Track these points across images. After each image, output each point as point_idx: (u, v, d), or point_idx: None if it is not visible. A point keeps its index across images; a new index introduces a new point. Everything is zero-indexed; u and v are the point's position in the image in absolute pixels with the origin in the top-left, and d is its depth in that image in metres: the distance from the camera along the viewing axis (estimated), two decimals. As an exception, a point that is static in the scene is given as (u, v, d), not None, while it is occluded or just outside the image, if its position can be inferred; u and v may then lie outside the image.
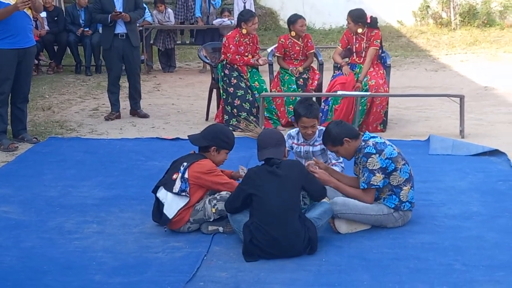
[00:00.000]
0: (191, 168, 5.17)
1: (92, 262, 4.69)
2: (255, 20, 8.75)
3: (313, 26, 17.91)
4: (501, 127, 8.64)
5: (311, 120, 5.81)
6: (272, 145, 5.03)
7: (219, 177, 5.24)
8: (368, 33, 8.52)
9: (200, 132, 5.51)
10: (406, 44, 16.41)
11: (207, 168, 5.19)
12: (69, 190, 6.27)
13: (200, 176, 5.16)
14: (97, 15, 9.07)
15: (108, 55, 9.16)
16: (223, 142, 5.33)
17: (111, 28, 8.96)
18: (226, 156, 5.41)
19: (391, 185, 5.17)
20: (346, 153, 5.28)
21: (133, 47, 9.11)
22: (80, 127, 8.87)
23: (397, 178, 5.16)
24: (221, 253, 4.83)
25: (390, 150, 5.15)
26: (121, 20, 8.90)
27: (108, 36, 9.02)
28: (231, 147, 5.41)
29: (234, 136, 5.48)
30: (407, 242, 4.98)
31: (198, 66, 14.18)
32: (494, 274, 4.40)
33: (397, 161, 5.15)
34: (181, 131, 8.54)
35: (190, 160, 5.25)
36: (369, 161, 5.09)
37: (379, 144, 5.16)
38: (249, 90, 8.68)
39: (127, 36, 9.00)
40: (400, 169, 5.15)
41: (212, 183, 5.21)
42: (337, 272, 4.49)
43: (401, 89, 11.11)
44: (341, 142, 5.20)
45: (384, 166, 5.10)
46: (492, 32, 17.00)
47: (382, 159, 5.10)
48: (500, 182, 6.35)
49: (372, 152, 5.10)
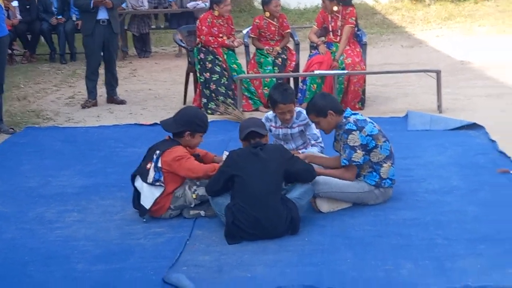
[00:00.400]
0: (164, 156, 5.12)
1: (74, 251, 4.66)
2: (227, 2, 8.70)
3: (288, 6, 17.86)
4: (478, 100, 8.69)
5: (288, 105, 5.78)
6: (255, 126, 5.08)
7: (189, 163, 5.13)
8: (343, 11, 8.50)
9: (172, 116, 5.44)
10: (381, 21, 16.43)
11: (176, 154, 5.11)
12: (48, 180, 6.22)
13: (170, 163, 5.10)
14: (78, 1, 8.96)
15: (89, 41, 9.04)
16: (197, 126, 5.26)
17: (93, 14, 8.86)
18: (201, 139, 5.35)
19: (371, 162, 5.17)
20: (327, 126, 5.27)
21: (114, 33, 9.06)
22: (57, 116, 8.80)
23: (378, 155, 5.16)
24: (204, 237, 4.82)
25: (371, 127, 5.16)
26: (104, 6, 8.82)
27: (90, 23, 8.92)
28: (205, 130, 5.35)
29: (207, 118, 5.42)
30: (389, 218, 5.00)
31: (174, 50, 14.10)
32: (475, 248, 4.43)
33: (378, 138, 5.15)
34: (159, 116, 8.47)
35: (163, 147, 5.18)
36: (350, 138, 5.10)
37: (359, 121, 5.17)
38: (224, 72, 8.63)
39: (108, 22, 8.92)
40: (380, 146, 5.16)
41: (182, 170, 5.12)
42: (320, 251, 4.50)
43: (378, 66, 11.12)
44: (325, 114, 5.20)
45: (364, 143, 5.11)
46: (466, 6, 17.06)
47: (363, 136, 5.10)
48: (479, 155, 6.39)
49: (352, 128, 5.11)
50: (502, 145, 6.60)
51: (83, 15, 9.17)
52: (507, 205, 5.13)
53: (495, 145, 6.63)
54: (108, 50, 9.06)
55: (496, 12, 16.30)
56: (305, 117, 5.96)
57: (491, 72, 10.37)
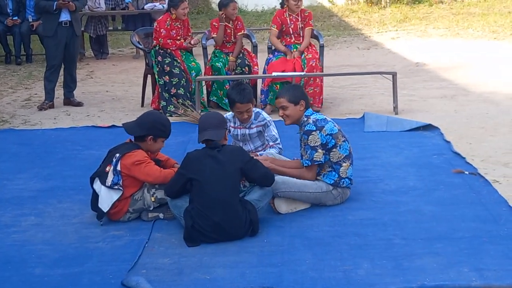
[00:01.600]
0: (123, 160, 5.08)
1: (32, 255, 4.61)
2: (184, 5, 8.68)
3: (246, 8, 17.92)
4: (433, 101, 8.81)
5: (245, 105, 5.79)
6: (212, 127, 4.97)
7: (148, 168, 5.09)
8: (302, 13, 8.57)
9: (135, 120, 5.41)
10: (338, 24, 16.55)
11: (136, 158, 5.08)
12: (4, 183, 6.13)
13: (130, 167, 5.07)
14: (40, 2, 8.85)
15: (50, 43, 8.95)
16: (159, 131, 5.24)
17: (55, 16, 8.79)
18: (163, 144, 5.33)
19: (331, 161, 5.22)
20: (292, 115, 5.27)
21: (76, 35, 9.02)
22: (13, 118, 8.69)
23: (337, 155, 5.22)
24: (163, 240, 4.81)
25: (331, 126, 5.22)
26: (66, 8, 8.76)
27: (52, 24, 8.84)
28: (167, 135, 5.33)
29: (170, 123, 5.38)
30: (347, 219, 5.05)
31: (131, 52, 14.02)
32: (432, 246, 4.50)
33: (337, 138, 5.21)
34: (117, 118, 8.45)
35: (123, 150, 5.14)
36: (310, 138, 5.15)
37: (319, 120, 5.22)
38: (183, 74, 8.62)
39: (71, 24, 8.86)
40: (340, 145, 5.22)
41: (140, 174, 5.08)
42: (279, 252, 4.52)
43: (334, 68, 11.21)
44: (297, 102, 5.24)
45: (324, 142, 5.16)
46: (421, 9, 17.31)
47: (323, 135, 5.16)
48: (434, 156, 6.48)
49: (312, 129, 5.16)
50: (456, 146, 6.72)
51: (45, 16, 9.05)
52: (463, 205, 5.21)
53: (450, 146, 6.73)
54: (69, 52, 8.98)
55: (450, 14, 16.56)
56: (263, 117, 5.99)
57: (445, 74, 10.54)
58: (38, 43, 13.27)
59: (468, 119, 7.81)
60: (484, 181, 5.69)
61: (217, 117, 5.17)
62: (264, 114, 6.05)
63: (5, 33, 12.92)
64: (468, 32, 14.61)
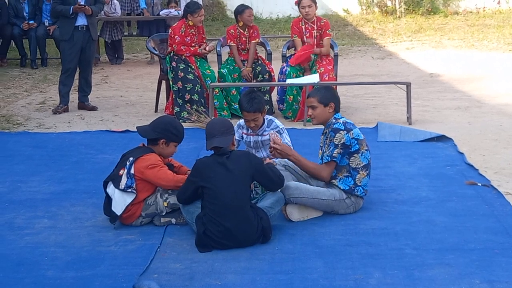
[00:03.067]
0: (137, 163, 5.11)
1: (44, 258, 4.63)
2: (201, 12, 8.71)
3: (260, 16, 17.95)
4: (447, 112, 8.80)
5: (252, 114, 5.79)
6: (220, 134, 4.96)
7: (161, 172, 5.12)
8: (318, 21, 8.58)
9: (149, 123, 5.44)
10: (352, 33, 16.56)
11: (149, 162, 5.10)
12: (18, 186, 6.17)
13: (143, 171, 5.09)
14: (57, 6, 8.90)
15: (66, 46, 8.99)
16: (172, 135, 5.27)
17: (71, 20, 8.84)
18: (175, 149, 5.36)
19: (349, 166, 5.24)
20: (320, 116, 5.32)
21: (92, 40, 9.07)
22: (28, 121, 8.74)
23: (357, 161, 5.24)
24: (175, 244, 4.82)
25: (358, 132, 5.29)
26: (83, 12, 8.81)
27: (68, 28, 8.89)
28: (180, 140, 5.35)
29: (183, 128, 5.40)
30: (359, 228, 5.05)
31: (146, 57, 14.08)
32: (444, 257, 4.49)
33: (362, 144, 5.26)
34: (131, 123, 8.49)
35: (137, 154, 5.17)
36: (337, 136, 5.19)
37: (348, 123, 5.29)
38: (197, 80, 8.64)
39: (87, 28, 8.92)
40: (362, 152, 5.25)
41: (154, 178, 5.10)
42: (290, 260, 4.53)
43: (348, 77, 11.22)
44: (326, 104, 5.29)
45: (348, 143, 5.19)
46: (436, 19, 17.28)
47: (349, 137, 5.20)
48: (447, 167, 6.47)
49: (340, 128, 5.21)
50: (469, 157, 6.71)
51: (62, 20, 9.08)
52: (475, 216, 5.20)
53: (463, 157, 6.72)
54: (85, 56, 9.04)
55: (465, 26, 16.53)
56: (276, 125, 6.00)
57: (459, 85, 10.52)
58: (54, 47, 13.36)
59: (481, 130, 7.79)
60: (497, 193, 5.68)
61: (223, 123, 5.13)
62: (277, 122, 6.06)
63: (21, 37, 13.02)
64: (483, 43, 14.58)
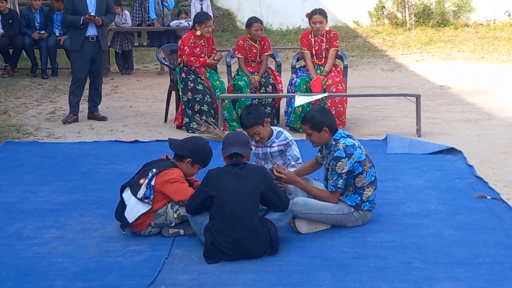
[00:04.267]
0: (159, 176, 5.12)
1: (52, 268, 4.64)
2: (209, 23, 8.72)
3: (271, 27, 17.98)
4: (457, 125, 8.78)
5: (251, 128, 5.85)
6: (240, 144, 5.03)
7: (181, 187, 5.13)
8: (327, 34, 8.58)
9: (182, 139, 5.44)
10: (362, 44, 16.56)
11: (172, 177, 5.13)
12: (27, 195, 6.19)
13: (163, 184, 5.11)
14: (68, 16, 8.94)
15: (76, 57, 9.02)
16: (200, 158, 5.29)
17: (82, 30, 8.88)
18: (197, 171, 5.38)
19: (355, 186, 5.22)
20: (318, 140, 5.30)
21: (102, 50, 9.10)
22: (37, 131, 8.77)
23: (362, 181, 5.22)
24: (183, 256, 4.82)
25: (359, 153, 5.20)
26: (93, 23, 8.85)
27: (79, 38, 8.92)
28: (206, 164, 5.37)
29: (212, 154, 5.40)
30: (367, 241, 5.03)
31: (156, 68, 14.12)
32: (453, 271, 4.47)
33: (365, 164, 5.21)
34: (140, 133, 8.50)
35: (161, 167, 5.19)
36: (339, 165, 5.14)
37: (349, 147, 5.18)
38: (207, 90, 8.65)
39: (97, 39, 8.95)
40: (366, 172, 5.22)
41: (172, 192, 5.12)
42: (298, 272, 4.52)
43: (358, 89, 11.21)
44: (320, 129, 5.23)
45: (351, 168, 5.16)
46: (446, 31, 17.26)
47: (351, 163, 5.15)
48: (456, 179, 6.45)
49: (341, 156, 5.14)
50: (479, 170, 6.68)
51: (72, 30, 9.11)
52: (484, 230, 5.18)
53: (472, 170, 6.70)
54: (95, 66, 9.06)
55: (476, 38, 16.50)
56: (285, 137, 6.01)
57: (469, 97, 10.49)
58: (64, 57, 13.42)
59: (491, 143, 7.77)
60: (507, 207, 5.65)
61: (244, 136, 5.24)
62: (286, 134, 6.07)
63: (32, 46, 13.08)
64: (494, 56, 14.55)
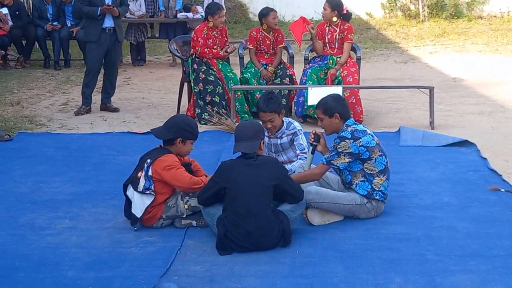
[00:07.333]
0: (154, 165, 5.11)
1: (65, 258, 4.66)
2: (221, 14, 8.71)
3: (283, 19, 17.92)
4: (470, 117, 8.73)
5: (267, 114, 5.82)
6: (247, 138, 4.93)
7: (178, 173, 5.11)
8: (341, 25, 8.55)
9: (162, 125, 5.42)
10: (375, 36, 16.50)
11: (167, 163, 5.10)
12: (40, 186, 6.21)
13: (160, 172, 5.10)
14: (84, 8, 8.89)
15: (92, 48, 9.00)
16: (187, 133, 5.26)
17: (99, 22, 8.86)
18: (192, 147, 5.35)
19: (364, 171, 5.22)
20: (329, 126, 5.35)
21: (118, 42, 9.11)
22: (50, 122, 8.80)
23: (371, 167, 5.21)
24: (195, 247, 4.82)
25: (369, 139, 5.20)
26: (110, 14, 8.84)
27: (96, 30, 8.89)
28: (195, 137, 5.35)
29: (197, 125, 5.43)
30: (380, 233, 5.02)
31: (168, 59, 14.11)
32: (466, 264, 4.45)
33: (373, 151, 5.20)
34: (152, 125, 8.46)
35: (154, 156, 5.18)
36: (341, 144, 5.16)
37: (357, 131, 5.21)
38: (219, 81, 8.64)
39: (114, 30, 8.94)
40: (375, 159, 5.21)
41: (171, 179, 5.10)
42: (311, 264, 4.51)
43: (371, 81, 11.17)
44: (331, 115, 5.29)
45: (356, 152, 5.15)
46: (459, 23, 17.17)
47: (356, 146, 5.15)
48: (470, 172, 6.42)
49: (347, 136, 5.17)
50: (492, 163, 6.65)
51: (88, 22, 9.06)
52: (498, 222, 5.16)
53: (486, 163, 6.66)
54: (110, 58, 9.06)
55: (489, 30, 16.40)
56: (294, 126, 6.01)
57: (483, 90, 10.43)
58: (77, 48, 13.44)
59: (505, 136, 7.72)
60: (520, 199, 5.63)
61: (253, 127, 5.06)
62: (295, 124, 6.07)
63: (45, 38, 13.11)
64: (507, 48, 14.45)
